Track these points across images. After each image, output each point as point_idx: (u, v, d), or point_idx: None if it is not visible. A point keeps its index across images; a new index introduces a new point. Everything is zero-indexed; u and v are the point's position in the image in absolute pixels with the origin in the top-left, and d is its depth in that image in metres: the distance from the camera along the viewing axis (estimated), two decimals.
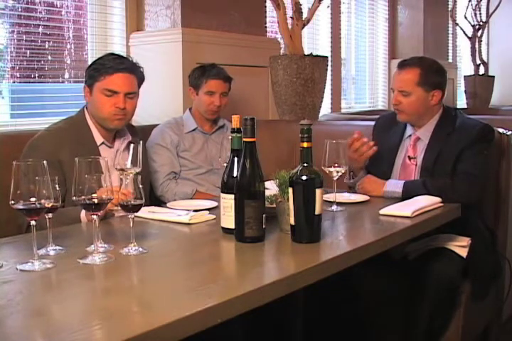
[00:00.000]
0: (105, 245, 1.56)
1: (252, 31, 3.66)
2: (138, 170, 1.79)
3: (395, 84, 2.38)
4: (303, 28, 3.51)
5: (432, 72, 2.35)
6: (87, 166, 1.42)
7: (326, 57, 3.58)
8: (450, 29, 6.70)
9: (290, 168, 1.68)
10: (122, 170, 1.79)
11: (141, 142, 1.89)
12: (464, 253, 2.19)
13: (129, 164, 1.80)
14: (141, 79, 2.25)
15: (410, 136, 2.42)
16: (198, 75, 2.81)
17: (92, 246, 1.49)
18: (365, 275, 2.15)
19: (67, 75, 3.12)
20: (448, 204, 2.08)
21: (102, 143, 2.23)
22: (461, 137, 2.29)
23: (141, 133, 2.57)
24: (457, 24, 6.72)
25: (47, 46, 3.02)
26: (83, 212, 1.89)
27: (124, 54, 2.37)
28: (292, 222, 1.62)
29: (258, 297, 1.27)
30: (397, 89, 2.35)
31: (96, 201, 1.43)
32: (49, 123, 2.29)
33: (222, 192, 1.71)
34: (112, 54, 2.28)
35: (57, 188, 1.47)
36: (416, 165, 2.36)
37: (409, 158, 2.39)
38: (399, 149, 2.43)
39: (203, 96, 2.79)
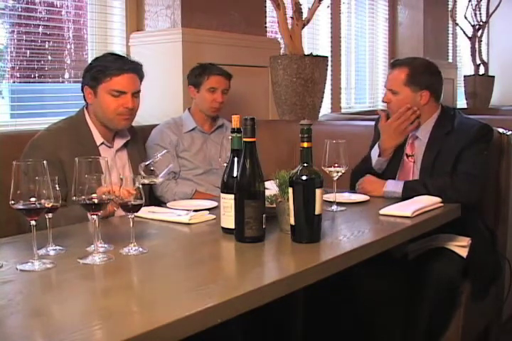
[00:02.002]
0: (105, 245, 1.56)
1: (252, 31, 3.66)
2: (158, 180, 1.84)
3: (386, 82, 2.43)
4: (303, 28, 3.51)
5: (420, 73, 2.34)
6: (87, 166, 1.42)
7: (326, 57, 3.58)
8: (450, 29, 6.70)
9: (290, 168, 1.68)
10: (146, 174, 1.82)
11: (165, 151, 1.94)
12: (464, 253, 2.19)
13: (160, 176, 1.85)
14: (142, 76, 2.26)
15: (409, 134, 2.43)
16: (198, 73, 2.82)
17: (92, 246, 1.49)
18: (365, 275, 2.15)
19: (67, 75, 3.12)
20: (448, 204, 2.08)
21: (102, 143, 2.23)
22: (460, 137, 2.29)
23: (141, 133, 2.57)
24: (457, 24, 6.72)
25: (47, 46, 3.02)
26: None
27: (122, 53, 2.37)
28: (292, 222, 1.62)
29: (258, 297, 1.27)
30: (387, 87, 2.40)
31: (96, 201, 1.43)
32: (49, 123, 2.30)
33: (222, 192, 1.71)
34: (111, 54, 2.28)
35: (58, 188, 1.47)
36: (414, 162, 2.37)
37: (407, 155, 2.40)
38: (398, 148, 2.44)
39: (205, 94, 2.80)
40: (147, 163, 1.89)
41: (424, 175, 2.31)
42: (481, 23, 6.87)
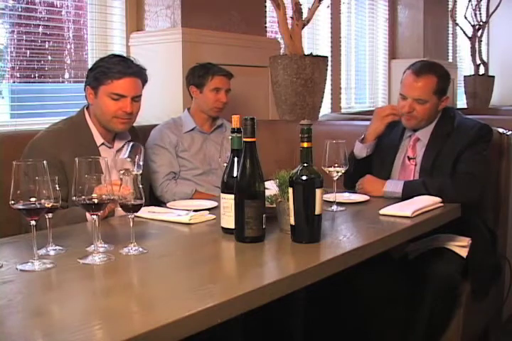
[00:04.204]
0: (105, 245, 1.56)
1: (252, 31, 3.66)
2: (138, 172, 1.81)
3: (410, 91, 2.31)
4: (303, 28, 3.51)
5: (444, 79, 2.36)
6: (87, 166, 1.42)
7: (326, 57, 3.58)
8: (450, 29, 6.70)
9: (290, 168, 1.68)
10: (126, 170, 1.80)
11: (141, 146, 1.91)
12: (464, 253, 2.20)
13: (134, 169, 1.82)
14: (145, 81, 2.25)
15: (410, 136, 2.42)
16: (202, 73, 2.80)
17: (92, 246, 1.49)
18: (365, 276, 2.15)
19: (67, 75, 3.12)
20: (448, 204, 2.08)
21: (102, 143, 2.23)
22: (459, 137, 2.29)
23: (141, 133, 2.57)
24: (457, 24, 6.72)
25: (47, 46, 3.02)
26: None
27: (125, 54, 2.37)
28: (292, 222, 1.62)
29: (258, 297, 1.27)
30: (414, 97, 2.29)
31: (96, 201, 1.43)
32: (49, 123, 2.29)
33: (222, 192, 1.71)
34: (116, 55, 2.27)
35: (58, 188, 1.47)
36: (415, 165, 2.37)
37: (409, 158, 2.39)
38: (399, 149, 2.43)
39: (209, 94, 2.79)
40: (124, 156, 1.88)
41: (423, 175, 2.31)
42: (481, 23, 6.87)
